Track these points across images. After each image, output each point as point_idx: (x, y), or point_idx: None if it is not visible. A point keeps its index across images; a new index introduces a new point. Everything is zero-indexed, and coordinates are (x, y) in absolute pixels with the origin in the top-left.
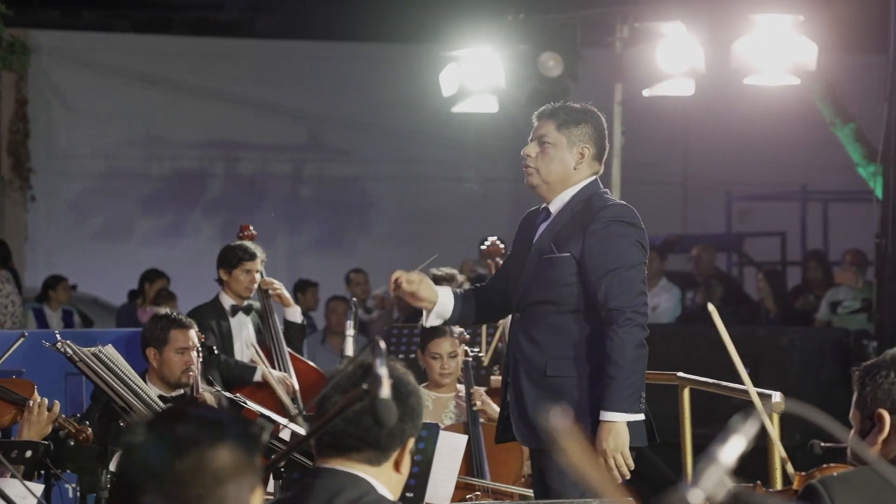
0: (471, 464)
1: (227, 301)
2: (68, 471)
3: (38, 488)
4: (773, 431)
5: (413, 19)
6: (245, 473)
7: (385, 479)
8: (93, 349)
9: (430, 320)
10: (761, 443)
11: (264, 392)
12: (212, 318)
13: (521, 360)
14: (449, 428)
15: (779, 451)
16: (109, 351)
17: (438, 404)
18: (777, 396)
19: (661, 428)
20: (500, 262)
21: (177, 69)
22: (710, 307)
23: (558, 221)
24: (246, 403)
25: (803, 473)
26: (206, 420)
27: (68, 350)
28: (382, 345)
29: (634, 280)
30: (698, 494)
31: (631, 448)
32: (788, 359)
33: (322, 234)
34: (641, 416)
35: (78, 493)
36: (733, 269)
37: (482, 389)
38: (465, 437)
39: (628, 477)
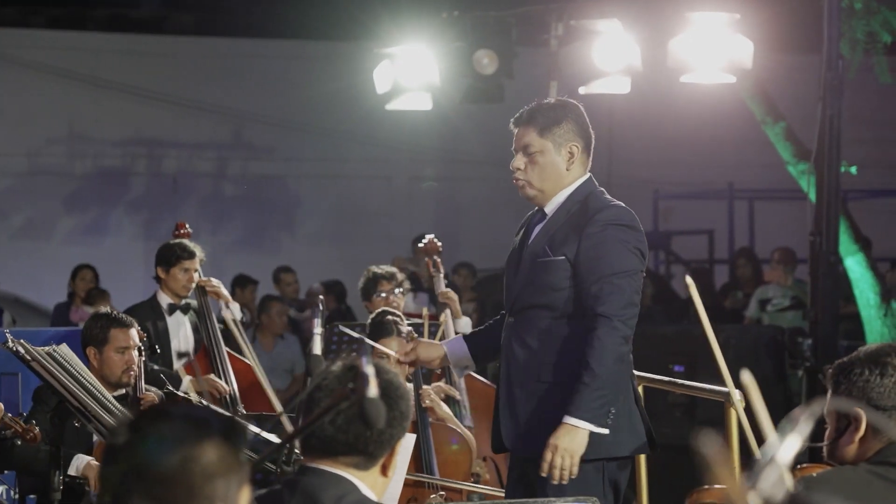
0: (420, 463)
1: (165, 300)
2: (3, 471)
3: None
4: (734, 428)
5: (347, 17)
6: (233, 470)
7: (371, 481)
8: (47, 348)
9: (456, 376)
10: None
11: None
12: (148, 317)
13: (514, 366)
14: None
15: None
16: (64, 350)
17: None
18: (737, 394)
19: None
20: (438, 259)
21: (97, 66)
22: (688, 279)
23: (553, 223)
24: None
25: None
26: (191, 417)
27: (20, 349)
28: (370, 344)
29: (626, 288)
30: (757, 495)
31: (626, 457)
32: (724, 356)
33: (246, 233)
34: (606, 431)
35: (15, 495)
36: (660, 268)
37: (430, 388)
38: (413, 436)
39: (565, 482)
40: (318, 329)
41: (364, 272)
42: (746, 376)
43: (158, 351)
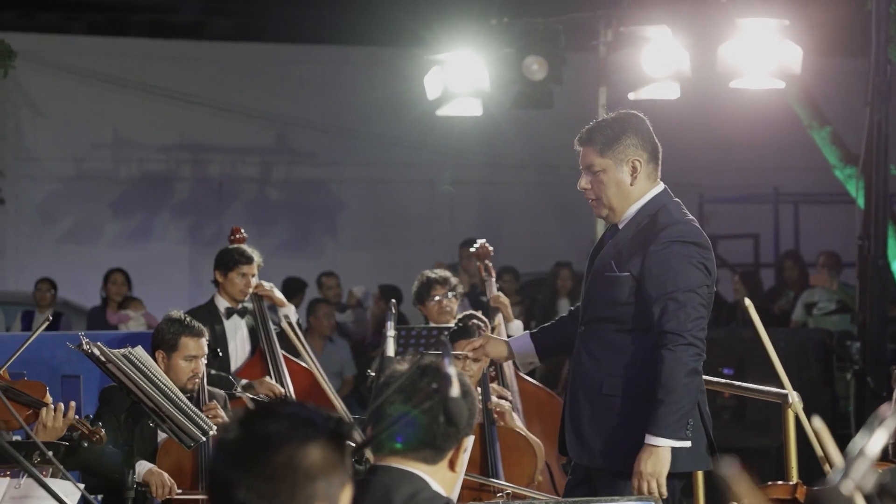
0: (485, 464)
1: (223, 303)
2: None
3: (81, 486)
4: (791, 430)
5: (395, 23)
6: (335, 471)
7: (440, 477)
8: (123, 351)
9: (523, 371)
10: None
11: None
12: (206, 321)
13: (580, 376)
14: None
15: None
16: (139, 352)
17: None
18: (794, 396)
19: None
20: (489, 264)
21: (142, 72)
22: (747, 302)
23: (622, 238)
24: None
25: None
26: (298, 418)
27: (95, 351)
28: (448, 344)
29: (692, 303)
30: (849, 485)
31: (684, 473)
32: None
33: (290, 237)
34: (687, 443)
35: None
36: None
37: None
38: (471, 438)
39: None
40: (391, 331)
41: (418, 276)
42: (747, 302)
43: (220, 354)
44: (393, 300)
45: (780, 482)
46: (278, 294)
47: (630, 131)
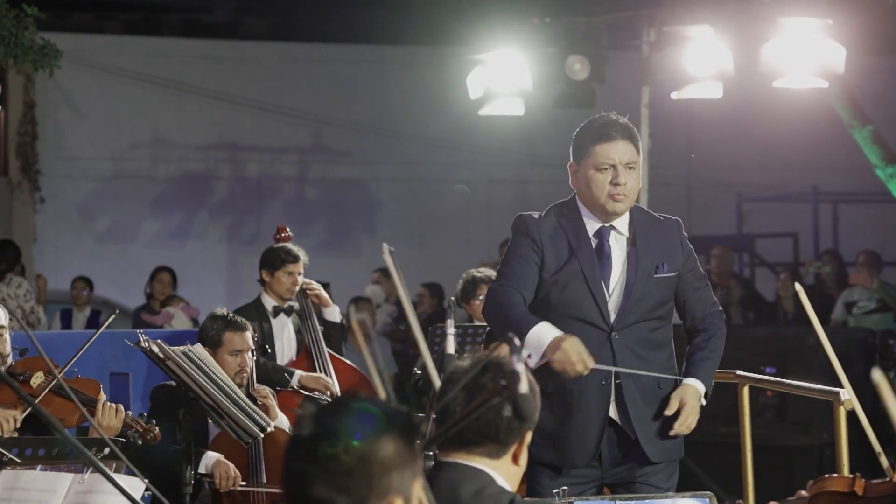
0: None
1: (269, 302)
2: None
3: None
4: (843, 428)
5: (434, 22)
6: (407, 463)
7: (504, 471)
8: (182, 348)
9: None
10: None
11: (301, 397)
12: (254, 318)
13: (632, 379)
14: None
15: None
16: (198, 350)
17: None
18: (845, 394)
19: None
20: None
21: (180, 71)
22: (876, 376)
23: (645, 237)
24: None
25: None
26: (370, 412)
27: (154, 348)
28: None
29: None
30: None
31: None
32: (815, 359)
33: (327, 236)
34: (703, 402)
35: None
36: (745, 270)
37: None
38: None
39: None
40: (451, 329)
41: (463, 275)
42: (877, 374)
43: (269, 350)
44: (452, 297)
45: (836, 475)
46: (325, 295)
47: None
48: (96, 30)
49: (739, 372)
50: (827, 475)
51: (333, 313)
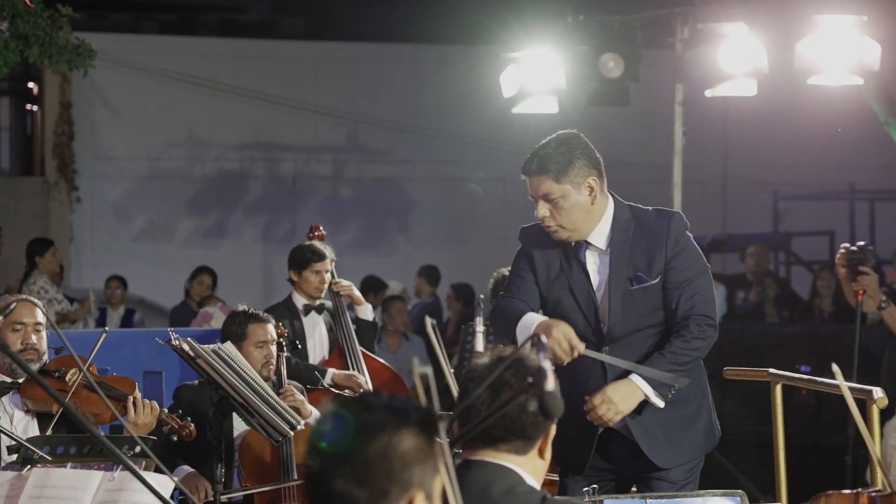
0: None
1: (300, 301)
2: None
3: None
4: (876, 427)
5: (468, 21)
6: (429, 458)
7: (531, 467)
8: (212, 346)
9: None
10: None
11: (333, 395)
12: (285, 317)
13: None
14: None
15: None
16: (228, 348)
17: None
18: (878, 392)
19: (722, 425)
20: None
21: (215, 71)
22: (834, 368)
23: (621, 249)
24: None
25: None
26: (391, 407)
27: (185, 347)
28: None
29: (710, 286)
30: None
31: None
32: (852, 357)
33: (362, 235)
34: (662, 403)
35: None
36: (780, 269)
37: None
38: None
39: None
40: (480, 327)
41: (494, 274)
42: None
43: (299, 346)
44: (481, 295)
45: (840, 492)
46: (356, 292)
47: (579, 152)
48: (133, 30)
49: (772, 370)
50: (830, 491)
51: (366, 311)
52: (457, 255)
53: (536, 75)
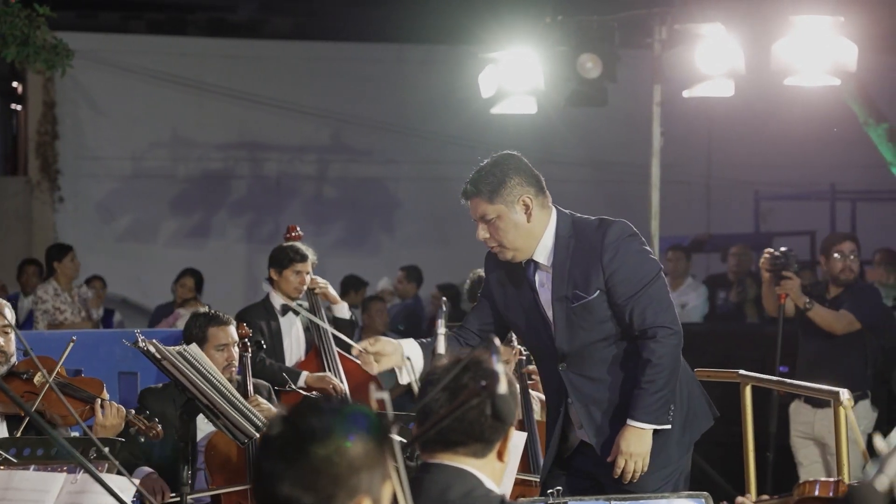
0: (527, 459)
1: (277, 301)
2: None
3: (135, 482)
4: (844, 429)
5: (449, 21)
6: (377, 464)
7: (489, 469)
8: (178, 348)
9: (403, 378)
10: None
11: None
12: (262, 317)
13: (591, 403)
14: None
15: (852, 448)
16: (193, 350)
17: None
18: (845, 394)
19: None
20: None
21: (200, 71)
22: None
23: (561, 266)
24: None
25: None
26: (340, 413)
27: (151, 349)
28: (497, 342)
29: (662, 293)
30: (883, 481)
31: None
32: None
33: (347, 235)
34: (668, 426)
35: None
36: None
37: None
38: (524, 434)
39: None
40: (441, 329)
41: (470, 274)
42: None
43: (265, 346)
44: (444, 297)
45: (821, 479)
46: (332, 291)
47: (511, 172)
48: (122, 29)
49: (741, 371)
50: (812, 479)
51: (342, 310)
52: (441, 254)
53: (515, 75)
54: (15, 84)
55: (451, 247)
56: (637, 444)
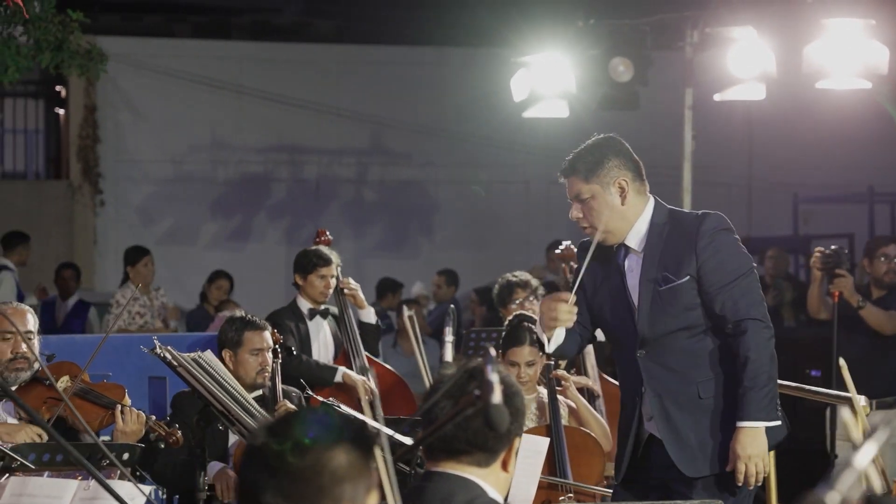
0: (553, 465)
1: (305, 305)
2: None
3: (146, 489)
4: (858, 434)
5: (484, 25)
6: (361, 475)
7: (493, 479)
8: (192, 355)
9: (551, 347)
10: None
11: (343, 395)
12: (290, 321)
13: (665, 394)
14: (531, 431)
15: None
16: (208, 356)
17: None
18: (862, 400)
19: None
20: (574, 265)
21: (240, 74)
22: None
23: (653, 251)
24: (339, 407)
25: None
26: (325, 423)
27: (167, 355)
28: (493, 351)
29: (755, 286)
30: (835, 497)
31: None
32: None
33: (386, 238)
34: (779, 422)
35: (163, 495)
36: (800, 272)
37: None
38: (546, 440)
39: (759, 484)
40: (449, 336)
41: (499, 280)
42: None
43: (295, 352)
44: (452, 306)
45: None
46: (361, 295)
47: (611, 153)
48: (166, 33)
49: None
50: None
51: (368, 315)
52: (479, 257)
53: (547, 79)
54: (58, 88)
55: (489, 249)
56: (753, 444)
